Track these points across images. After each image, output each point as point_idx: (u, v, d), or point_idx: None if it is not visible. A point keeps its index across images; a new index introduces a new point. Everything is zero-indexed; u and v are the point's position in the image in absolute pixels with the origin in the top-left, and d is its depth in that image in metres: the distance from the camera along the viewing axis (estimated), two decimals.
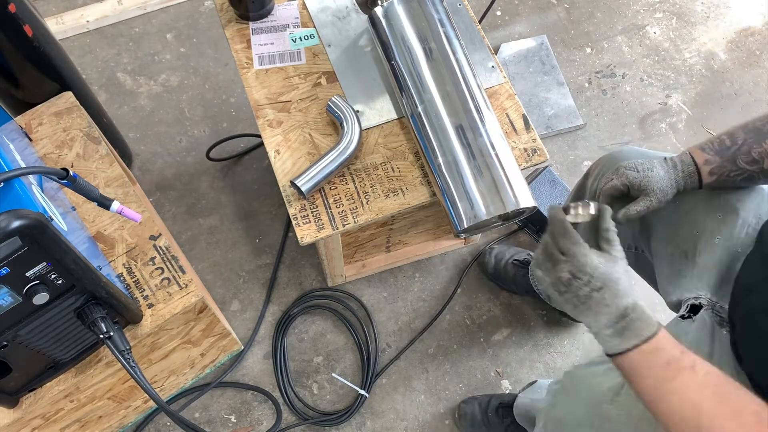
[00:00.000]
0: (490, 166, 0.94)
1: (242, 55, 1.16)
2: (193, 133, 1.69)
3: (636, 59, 1.82)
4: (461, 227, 0.94)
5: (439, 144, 0.97)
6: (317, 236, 1.02)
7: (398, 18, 1.03)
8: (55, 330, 0.87)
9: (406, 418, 1.41)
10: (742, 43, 1.86)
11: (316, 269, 1.54)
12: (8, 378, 0.89)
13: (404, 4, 1.03)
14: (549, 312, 1.50)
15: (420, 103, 0.99)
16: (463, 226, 0.93)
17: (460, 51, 1.02)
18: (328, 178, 1.01)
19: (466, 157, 0.94)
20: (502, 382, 1.44)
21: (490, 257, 1.50)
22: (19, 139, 1.07)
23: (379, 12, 1.05)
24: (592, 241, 0.72)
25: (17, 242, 0.68)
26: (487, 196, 0.92)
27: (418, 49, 1.01)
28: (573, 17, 1.89)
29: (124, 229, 1.06)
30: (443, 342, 1.48)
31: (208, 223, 1.59)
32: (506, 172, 0.94)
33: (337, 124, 1.07)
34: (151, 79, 1.75)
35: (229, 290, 1.52)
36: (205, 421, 1.40)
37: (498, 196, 0.92)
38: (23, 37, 1.15)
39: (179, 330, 1.11)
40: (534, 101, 1.72)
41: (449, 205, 0.96)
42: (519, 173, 0.96)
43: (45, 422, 1.05)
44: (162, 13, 1.84)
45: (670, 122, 1.74)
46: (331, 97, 1.06)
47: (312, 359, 1.46)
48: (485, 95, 1.02)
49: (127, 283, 1.03)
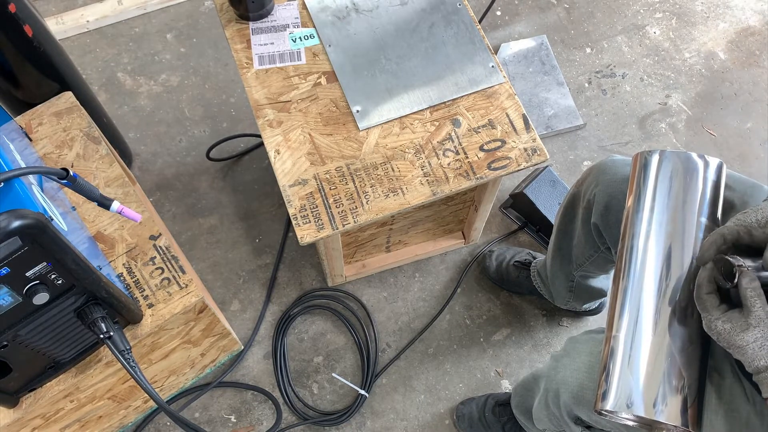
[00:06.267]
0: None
1: (242, 55, 1.16)
2: (193, 133, 1.69)
3: (636, 59, 1.82)
4: (604, 406, 0.75)
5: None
6: (317, 236, 1.02)
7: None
8: (55, 330, 0.87)
9: (406, 418, 1.41)
10: (742, 43, 1.86)
11: (316, 269, 1.54)
12: (8, 378, 0.89)
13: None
14: (549, 312, 1.50)
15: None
16: (606, 406, 0.74)
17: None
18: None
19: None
20: (502, 382, 1.44)
21: (491, 260, 1.50)
22: (19, 139, 1.07)
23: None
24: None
25: (17, 242, 0.68)
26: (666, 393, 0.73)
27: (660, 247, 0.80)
28: (573, 17, 1.89)
29: (124, 229, 1.06)
30: (443, 342, 1.48)
31: (208, 223, 1.59)
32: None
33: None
34: (151, 79, 1.75)
35: (229, 290, 1.52)
36: (205, 421, 1.40)
37: (677, 400, 0.72)
38: (23, 37, 1.15)
39: (179, 330, 1.11)
40: (534, 101, 1.72)
41: (608, 368, 0.76)
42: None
43: (45, 422, 1.05)
44: (162, 13, 1.84)
45: (670, 122, 1.74)
46: None
47: (312, 359, 1.46)
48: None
49: (127, 283, 1.03)
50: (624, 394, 0.73)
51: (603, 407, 0.74)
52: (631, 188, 0.85)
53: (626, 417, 0.75)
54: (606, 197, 0.97)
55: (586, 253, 1.12)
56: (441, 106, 1.13)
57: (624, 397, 0.73)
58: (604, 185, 0.98)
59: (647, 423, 0.75)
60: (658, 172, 0.83)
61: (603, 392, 0.75)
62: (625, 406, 0.73)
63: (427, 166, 1.08)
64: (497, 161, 1.09)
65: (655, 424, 0.74)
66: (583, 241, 1.10)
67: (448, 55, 1.17)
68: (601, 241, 1.06)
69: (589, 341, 0.93)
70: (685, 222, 0.79)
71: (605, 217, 0.98)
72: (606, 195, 0.97)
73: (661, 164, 0.83)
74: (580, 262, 1.16)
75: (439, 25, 1.19)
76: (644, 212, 0.81)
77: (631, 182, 0.85)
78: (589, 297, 1.33)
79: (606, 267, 1.16)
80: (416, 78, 1.15)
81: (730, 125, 1.75)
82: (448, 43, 1.18)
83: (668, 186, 0.82)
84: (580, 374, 0.89)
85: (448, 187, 1.07)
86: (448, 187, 1.07)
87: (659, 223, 0.80)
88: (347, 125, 1.11)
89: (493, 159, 1.09)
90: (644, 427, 0.77)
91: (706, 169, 0.82)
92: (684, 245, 0.78)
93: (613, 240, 1.00)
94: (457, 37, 1.18)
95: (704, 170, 0.82)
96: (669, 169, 0.82)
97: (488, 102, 1.13)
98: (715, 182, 0.82)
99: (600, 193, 0.98)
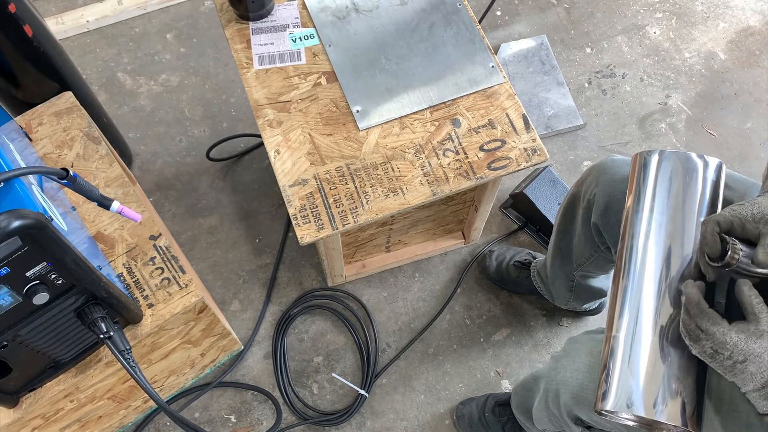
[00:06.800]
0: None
1: (242, 55, 1.16)
2: (193, 133, 1.69)
3: (636, 59, 1.82)
4: (604, 406, 0.74)
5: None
6: (317, 236, 1.02)
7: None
8: (55, 330, 0.87)
9: (406, 418, 1.41)
10: (742, 43, 1.86)
11: (316, 269, 1.54)
12: (8, 378, 0.89)
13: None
14: (549, 312, 1.50)
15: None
16: (606, 407, 0.74)
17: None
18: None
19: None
20: (502, 382, 1.44)
21: (490, 261, 1.50)
22: (19, 139, 1.07)
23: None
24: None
25: (17, 242, 0.68)
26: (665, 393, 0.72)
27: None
28: (573, 17, 1.89)
29: (124, 229, 1.06)
30: (443, 342, 1.48)
31: (208, 223, 1.59)
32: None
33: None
34: (151, 79, 1.75)
35: (229, 290, 1.52)
36: (205, 421, 1.40)
37: (677, 401, 0.72)
38: (23, 37, 1.15)
39: (179, 330, 1.11)
40: (534, 101, 1.72)
41: (608, 368, 0.76)
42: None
43: (45, 422, 1.05)
44: (162, 13, 1.84)
45: (670, 122, 1.74)
46: None
47: (312, 359, 1.46)
48: None
49: (127, 283, 1.03)
50: (624, 395, 0.73)
51: (603, 407, 0.74)
52: (630, 188, 0.84)
53: (626, 417, 0.75)
54: (606, 197, 0.97)
55: (586, 253, 1.13)
56: (441, 106, 1.13)
57: (624, 397, 0.73)
58: (603, 185, 0.98)
59: (647, 423, 0.74)
60: (658, 171, 0.83)
61: (603, 392, 0.74)
62: (626, 406, 0.73)
63: (427, 166, 1.08)
64: (497, 161, 1.09)
65: (655, 424, 0.73)
66: (583, 241, 1.10)
67: (448, 55, 1.17)
68: (601, 241, 1.06)
69: (589, 341, 0.93)
70: (685, 221, 0.79)
71: (605, 216, 0.98)
72: (606, 195, 0.97)
73: (660, 164, 0.83)
74: (580, 262, 1.16)
75: (439, 25, 1.19)
76: (644, 212, 0.81)
77: (630, 182, 0.85)
78: (589, 297, 1.33)
79: (606, 267, 1.16)
80: (416, 78, 1.15)
81: (730, 125, 1.75)
82: (448, 43, 1.18)
83: (668, 186, 0.81)
84: (580, 375, 0.89)
85: (448, 187, 1.07)
86: (448, 187, 1.07)
87: (659, 223, 0.80)
88: (347, 125, 1.11)
89: (493, 159, 1.09)
90: (644, 427, 0.76)
91: (706, 169, 0.82)
92: (683, 244, 0.78)
93: (613, 240, 1.00)
94: (457, 37, 1.18)
95: (704, 170, 0.82)
96: (668, 168, 0.82)
97: (488, 102, 1.13)
98: (714, 182, 0.82)
99: (600, 193, 0.98)
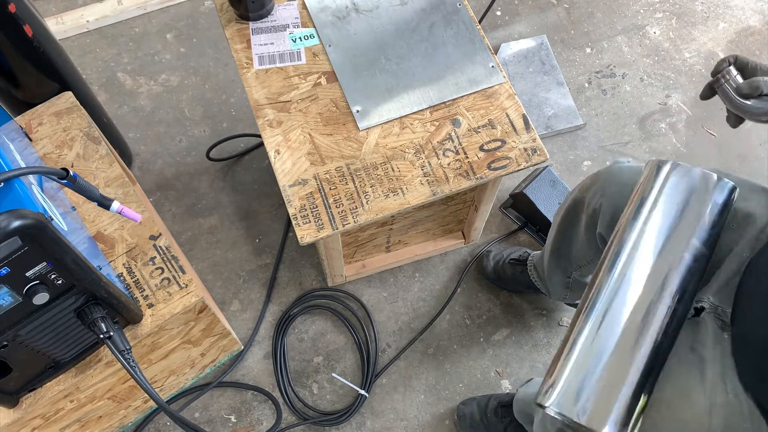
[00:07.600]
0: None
1: (242, 55, 1.16)
2: (193, 133, 1.69)
3: (636, 59, 1.82)
4: (543, 401, 0.75)
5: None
6: (317, 236, 1.02)
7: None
8: (55, 330, 0.87)
9: (406, 418, 1.41)
10: (742, 43, 1.86)
11: (316, 269, 1.54)
12: (8, 378, 0.89)
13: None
14: (549, 312, 1.50)
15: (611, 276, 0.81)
16: (548, 402, 0.75)
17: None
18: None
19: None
20: (502, 382, 1.44)
21: (488, 260, 1.50)
22: (19, 139, 1.07)
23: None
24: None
25: (17, 242, 0.68)
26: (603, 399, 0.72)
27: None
28: (573, 17, 1.89)
29: (124, 229, 1.06)
30: (443, 342, 1.48)
31: (208, 223, 1.59)
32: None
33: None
34: (151, 79, 1.75)
35: (229, 290, 1.52)
36: (205, 421, 1.40)
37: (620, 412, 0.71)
38: (23, 37, 1.15)
39: (179, 330, 1.11)
40: (534, 101, 1.72)
41: (562, 369, 0.76)
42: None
43: (45, 422, 1.05)
44: (162, 13, 1.84)
45: (670, 122, 1.74)
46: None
47: (312, 359, 1.46)
48: None
49: (127, 283, 1.03)
50: (568, 397, 0.73)
51: (544, 402, 0.74)
52: (633, 196, 0.84)
53: (563, 418, 0.74)
54: (613, 208, 0.95)
55: (587, 257, 1.12)
56: (441, 106, 1.13)
57: (567, 398, 0.73)
58: (610, 197, 0.96)
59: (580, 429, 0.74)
60: (664, 185, 0.82)
61: (547, 388, 0.75)
62: (567, 407, 0.73)
63: (427, 166, 1.08)
64: (497, 161, 1.09)
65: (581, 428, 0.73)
66: (586, 247, 1.09)
67: (448, 55, 1.17)
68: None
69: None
70: (677, 241, 0.78)
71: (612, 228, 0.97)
72: (613, 206, 0.96)
73: (669, 177, 0.82)
74: (581, 264, 1.16)
75: (439, 25, 1.19)
76: (638, 223, 0.81)
77: (635, 190, 0.85)
78: None
79: None
80: (416, 78, 1.15)
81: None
82: (448, 43, 1.18)
83: (670, 201, 0.80)
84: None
85: (448, 187, 1.07)
86: (448, 187, 1.07)
87: (648, 239, 0.79)
88: (347, 125, 1.11)
89: (493, 159, 1.09)
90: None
91: (715, 190, 0.80)
92: (669, 265, 0.77)
93: None
94: (457, 37, 1.18)
95: (712, 191, 0.80)
96: (676, 183, 0.81)
97: (488, 102, 1.13)
98: (721, 206, 0.80)
99: (606, 204, 0.97)
